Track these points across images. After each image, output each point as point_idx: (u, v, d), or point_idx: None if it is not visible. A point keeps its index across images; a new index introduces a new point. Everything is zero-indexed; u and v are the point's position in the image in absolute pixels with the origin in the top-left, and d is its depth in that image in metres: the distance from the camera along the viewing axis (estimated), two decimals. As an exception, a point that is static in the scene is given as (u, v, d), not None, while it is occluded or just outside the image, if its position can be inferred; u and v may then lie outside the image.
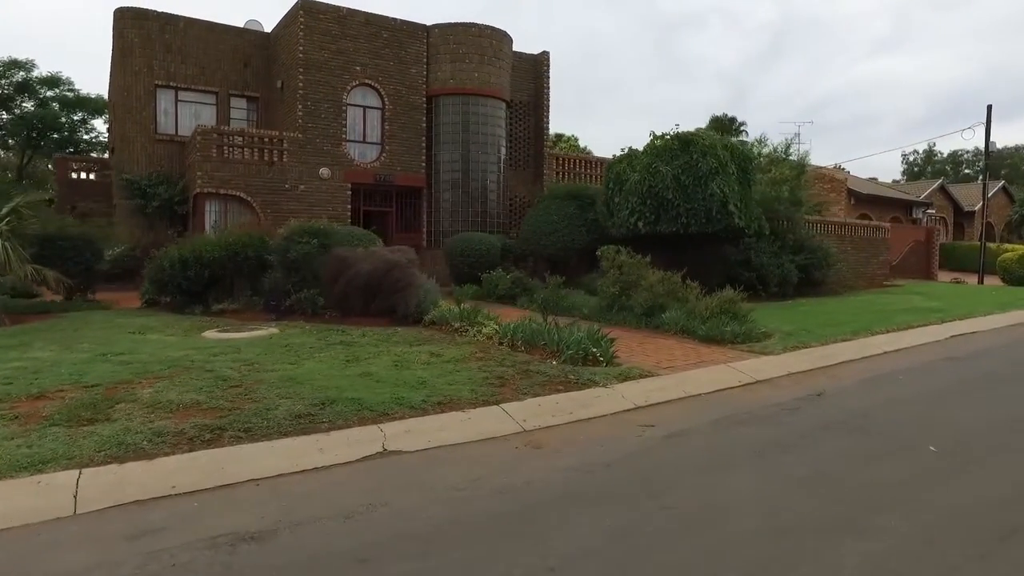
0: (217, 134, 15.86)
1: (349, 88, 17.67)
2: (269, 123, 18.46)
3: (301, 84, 16.93)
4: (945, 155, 64.82)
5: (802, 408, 6.39)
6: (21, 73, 24.89)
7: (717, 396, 6.93)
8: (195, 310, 11.79)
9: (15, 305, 11.66)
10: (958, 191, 36.01)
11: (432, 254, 17.66)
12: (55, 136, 25.72)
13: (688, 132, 13.71)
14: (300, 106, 16.96)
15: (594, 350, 7.88)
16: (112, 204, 17.82)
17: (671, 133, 13.83)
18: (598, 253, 12.92)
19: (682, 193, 13.24)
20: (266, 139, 16.53)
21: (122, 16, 17.14)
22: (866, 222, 21.36)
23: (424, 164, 18.98)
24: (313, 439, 5.20)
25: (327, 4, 17.19)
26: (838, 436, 5.43)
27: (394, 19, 18.29)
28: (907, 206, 30.74)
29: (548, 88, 21.20)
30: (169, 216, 16.73)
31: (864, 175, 43.83)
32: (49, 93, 25.39)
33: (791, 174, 15.98)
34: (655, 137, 13.97)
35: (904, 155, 68.25)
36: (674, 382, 7.30)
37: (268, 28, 19.45)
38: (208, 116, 18.10)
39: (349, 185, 17.73)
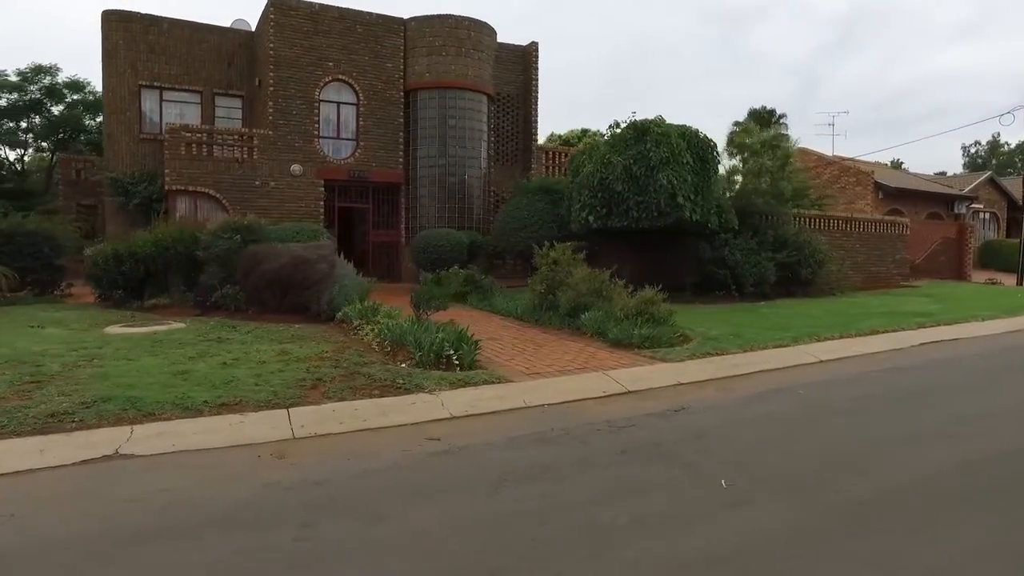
0: (186, 131, 16.08)
1: (322, 84, 17.60)
2: (254, 121, 18.62)
3: (272, 81, 16.96)
4: (1013, 146, 59.61)
5: (636, 426, 5.66)
6: (48, 78, 26.24)
7: (559, 408, 6.26)
8: (132, 305, 11.92)
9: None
10: (1012, 184, 32.88)
11: (410, 251, 17.40)
12: (82, 138, 27.01)
13: (645, 120, 12.85)
14: (271, 103, 16.99)
15: (449, 352, 7.37)
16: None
17: (627, 121, 13.02)
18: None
19: (633, 185, 12.42)
20: (235, 136, 16.66)
21: (108, 18, 17.64)
22: (876, 217, 19.64)
23: (402, 160, 18.72)
24: (45, 439, 4.95)
25: (299, 1, 17.17)
26: (624, 464, 4.69)
27: (369, 13, 18.10)
28: (949, 201, 28.28)
29: (536, 80, 20.56)
30: (148, 213, 17.10)
31: (930, 170, 40.90)
32: (75, 96, 26.69)
33: (773, 165, 14.77)
34: (612, 126, 13.18)
35: (964, 147, 63.34)
36: (521, 390, 6.69)
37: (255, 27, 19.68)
38: (193, 115, 18.44)
39: (322, 182, 17.66)
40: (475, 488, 4.26)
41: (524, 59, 20.62)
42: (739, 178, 14.66)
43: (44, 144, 28.45)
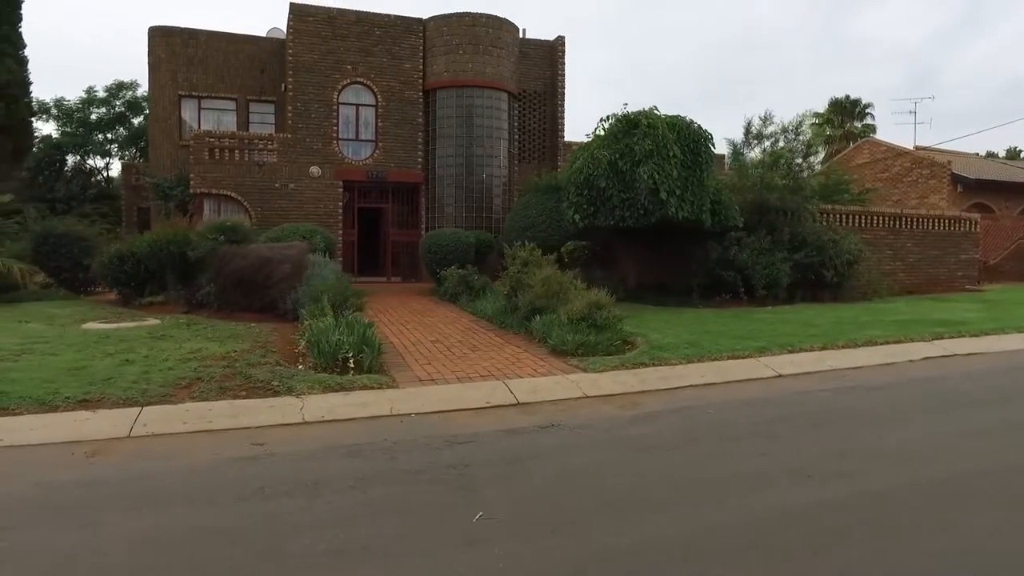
0: (209, 137, 16.89)
1: (341, 87, 17.95)
2: (284, 125, 19.31)
3: (291, 86, 17.50)
4: None
5: (473, 443, 5.19)
6: (128, 92, 28.55)
7: (424, 418, 5.89)
8: (135, 302, 12.64)
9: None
10: None
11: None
12: (156, 146, 29.27)
13: (636, 112, 12.10)
14: (290, 107, 17.53)
15: (347, 355, 7.18)
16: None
17: (619, 114, 12.31)
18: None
19: (619, 181, 11.72)
20: (256, 140, 17.31)
21: (152, 34, 18.85)
22: (934, 212, 17.47)
23: (421, 160, 18.78)
24: None
25: (316, 6, 17.59)
26: (398, 485, 4.23)
27: (387, 15, 18.27)
28: (1053, 193, 24.81)
29: (563, 75, 20.01)
30: (183, 215, 18.10)
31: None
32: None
33: (790, 156, 13.42)
34: (603, 119, 12.53)
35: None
36: (396, 397, 6.38)
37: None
38: (229, 121, 19.37)
39: (340, 183, 18.02)
40: (222, 499, 4.05)
41: (551, 54, 20.14)
42: (759, 172, 13.45)
43: (126, 153, 31.07)
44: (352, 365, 7.10)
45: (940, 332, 10.03)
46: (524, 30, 20.70)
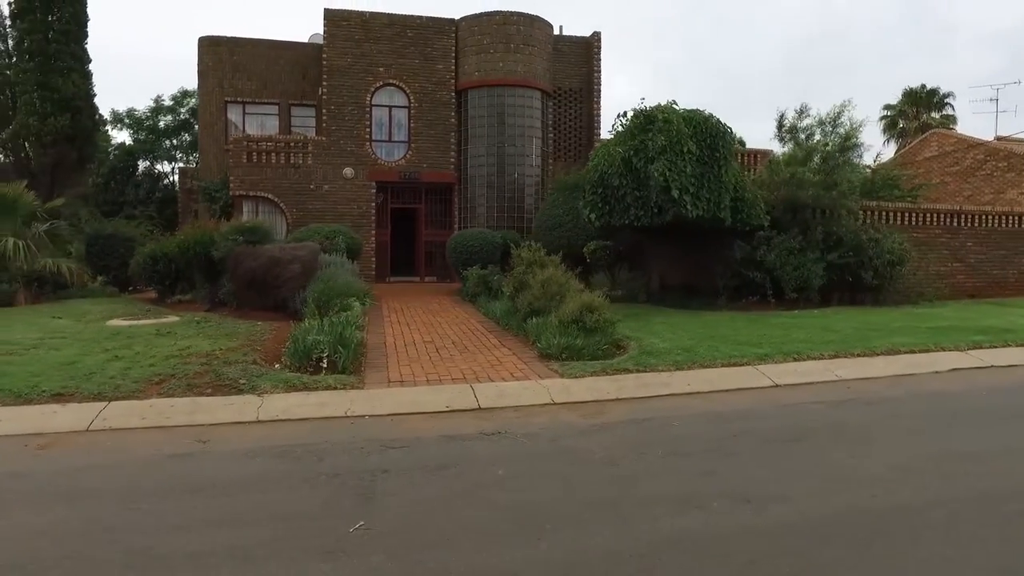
0: (247, 141, 17.49)
1: (373, 89, 18.20)
2: (323, 127, 19.80)
3: (325, 89, 17.89)
4: None
5: (407, 448, 5.09)
6: (192, 100, 30.06)
7: (378, 420, 5.84)
8: (168, 300, 13.25)
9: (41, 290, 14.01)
10: None
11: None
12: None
13: (653, 107, 11.65)
14: (324, 110, 17.92)
15: (322, 354, 7.21)
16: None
17: (638, 109, 11.89)
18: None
19: (632, 179, 11.32)
20: (291, 143, 17.78)
21: (202, 44, 19.71)
22: (1000, 209, 15.94)
23: (454, 160, 18.81)
24: None
25: (349, 11, 17.90)
26: (276, 491, 4.17)
27: (419, 17, 18.38)
28: None
29: (599, 72, 19.60)
30: (227, 217, 18.84)
31: None
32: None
33: (828, 151, 12.50)
34: (620, 116, 12.14)
35: None
36: (357, 399, 6.34)
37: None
38: (272, 125, 20.03)
39: (373, 184, 18.27)
40: (131, 495, 4.10)
41: (587, 51, 19.76)
42: (791, 168, 12.66)
43: (190, 158, 32.77)
44: (325, 365, 7.12)
45: (979, 341, 9.16)
46: (561, 27, 20.43)
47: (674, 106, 11.60)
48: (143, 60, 58.09)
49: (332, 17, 17.77)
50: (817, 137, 13.05)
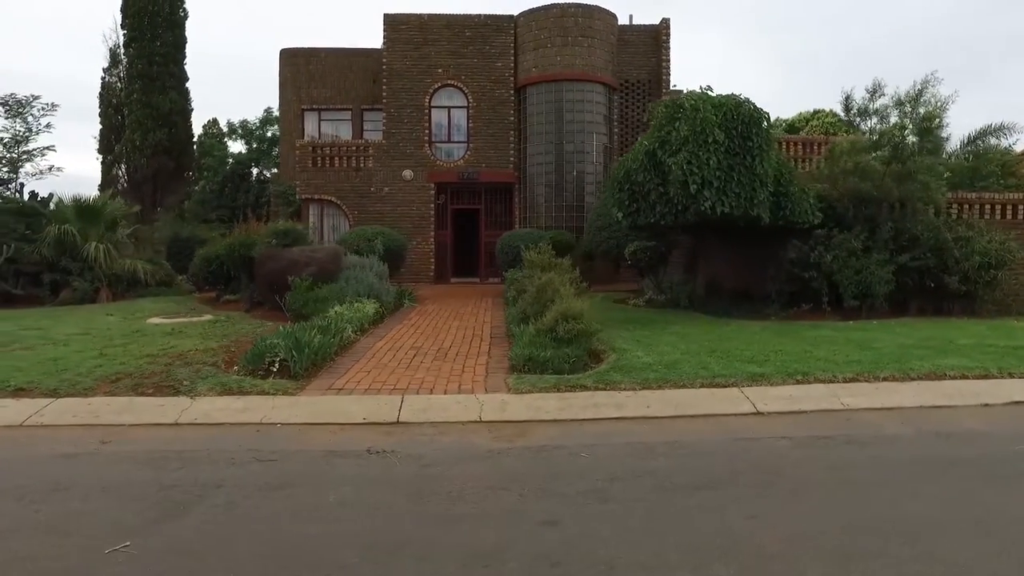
0: (312, 147, 18.20)
1: (432, 91, 18.26)
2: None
3: (385, 93, 18.20)
4: None
5: (282, 461, 4.84)
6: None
7: (285, 429, 5.65)
8: (221, 300, 14.07)
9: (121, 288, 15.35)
10: None
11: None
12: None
13: (688, 93, 10.63)
14: (384, 114, 18.25)
15: (275, 357, 7.14)
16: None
17: (669, 98, 10.90)
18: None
19: (656, 174, 10.36)
20: (354, 147, 18.27)
21: (282, 56, 20.86)
22: None
23: (513, 159, 18.44)
24: None
25: (408, 15, 18.07)
26: (106, 497, 4.07)
27: (478, 16, 18.19)
28: None
29: (668, 62, 18.41)
30: (295, 219, 19.76)
31: None
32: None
33: (897, 134, 10.64)
34: (652, 106, 11.19)
35: None
36: (280, 405, 6.15)
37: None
38: (345, 130, 20.77)
39: (432, 185, 18.35)
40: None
41: (655, 40, 18.62)
42: (855, 156, 11.00)
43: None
44: (276, 369, 7.06)
45: (1067, 365, 7.37)
46: (631, 16, 19.47)
47: (708, 92, 10.49)
48: (239, 67, 63.22)
49: (391, 22, 18.09)
50: (893, 119, 11.27)
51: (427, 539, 3.53)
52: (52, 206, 15.07)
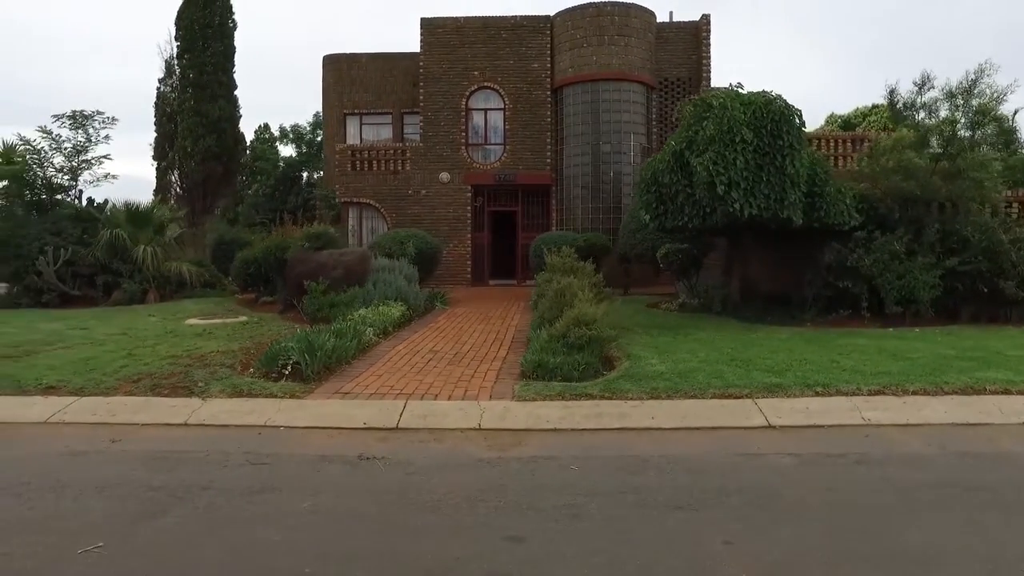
0: (351, 151, 18.53)
1: (468, 93, 18.31)
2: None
3: (422, 96, 18.36)
4: None
5: (273, 464, 4.91)
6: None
7: (289, 432, 5.75)
8: (259, 301, 14.50)
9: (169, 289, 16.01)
10: None
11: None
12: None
13: (716, 91, 10.29)
14: (421, 117, 18.41)
15: (288, 360, 7.27)
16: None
17: (698, 97, 10.58)
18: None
19: (683, 175, 10.07)
20: (391, 151, 18.50)
21: (325, 62, 21.34)
22: None
23: (550, 160, 18.31)
24: None
25: (444, 18, 18.17)
26: (100, 497, 4.20)
27: (513, 17, 18.14)
28: None
29: (708, 59, 17.91)
30: (336, 222, 20.16)
31: None
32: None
33: (947, 129, 9.93)
34: (682, 104, 10.89)
35: None
36: (292, 408, 6.28)
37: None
38: (386, 134, 21.09)
39: (469, 187, 18.40)
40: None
41: (695, 37, 18.14)
42: (898, 154, 10.39)
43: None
44: (288, 372, 7.18)
45: None
46: (671, 12, 19.05)
47: (738, 89, 10.12)
48: (289, 71, 64.92)
49: (428, 26, 18.24)
50: (943, 113, 10.61)
51: (385, 551, 3.49)
52: (107, 212, 15.84)
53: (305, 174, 34.85)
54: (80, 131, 16.09)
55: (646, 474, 4.72)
